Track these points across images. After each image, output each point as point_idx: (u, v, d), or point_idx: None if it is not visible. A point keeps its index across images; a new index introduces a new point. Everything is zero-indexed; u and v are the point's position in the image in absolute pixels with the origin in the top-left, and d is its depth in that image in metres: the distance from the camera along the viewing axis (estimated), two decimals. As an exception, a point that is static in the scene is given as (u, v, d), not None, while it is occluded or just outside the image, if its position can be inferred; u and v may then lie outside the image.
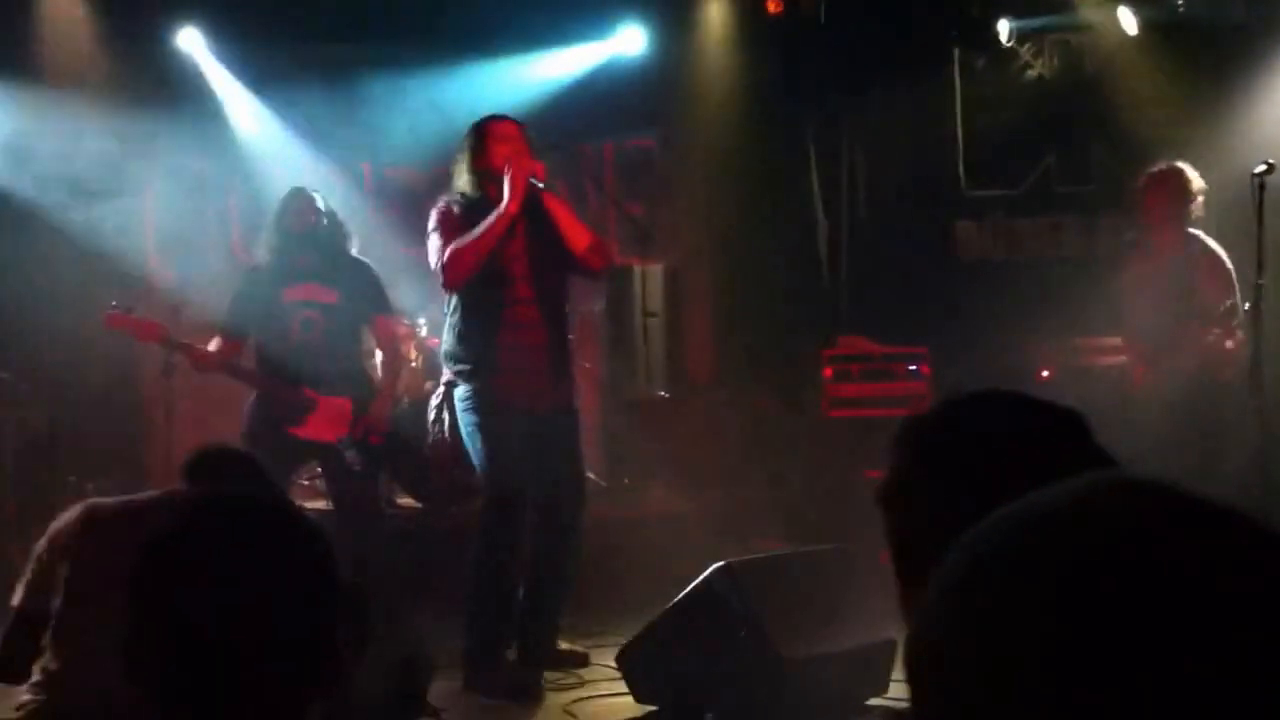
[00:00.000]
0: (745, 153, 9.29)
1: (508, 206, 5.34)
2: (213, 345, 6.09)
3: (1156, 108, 8.09)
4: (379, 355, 6.45)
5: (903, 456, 1.68)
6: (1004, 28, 8.65)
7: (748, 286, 9.27)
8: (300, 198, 6.26)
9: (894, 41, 8.78)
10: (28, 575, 3.26)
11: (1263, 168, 5.97)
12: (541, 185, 5.44)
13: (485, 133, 5.55)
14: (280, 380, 5.99)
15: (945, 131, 9.03)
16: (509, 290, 5.51)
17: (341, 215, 6.40)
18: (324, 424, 6.00)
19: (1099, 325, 7.81)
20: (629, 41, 9.19)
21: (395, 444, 6.33)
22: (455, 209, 5.53)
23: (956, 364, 7.60)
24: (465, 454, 5.71)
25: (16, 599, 3.26)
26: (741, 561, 5.09)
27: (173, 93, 8.35)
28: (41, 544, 3.28)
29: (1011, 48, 8.75)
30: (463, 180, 5.60)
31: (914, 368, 8.05)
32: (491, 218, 5.36)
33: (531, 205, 5.45)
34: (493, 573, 5.54)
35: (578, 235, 5.53)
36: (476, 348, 5.52)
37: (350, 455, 5.99)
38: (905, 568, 1.63)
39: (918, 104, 9.04)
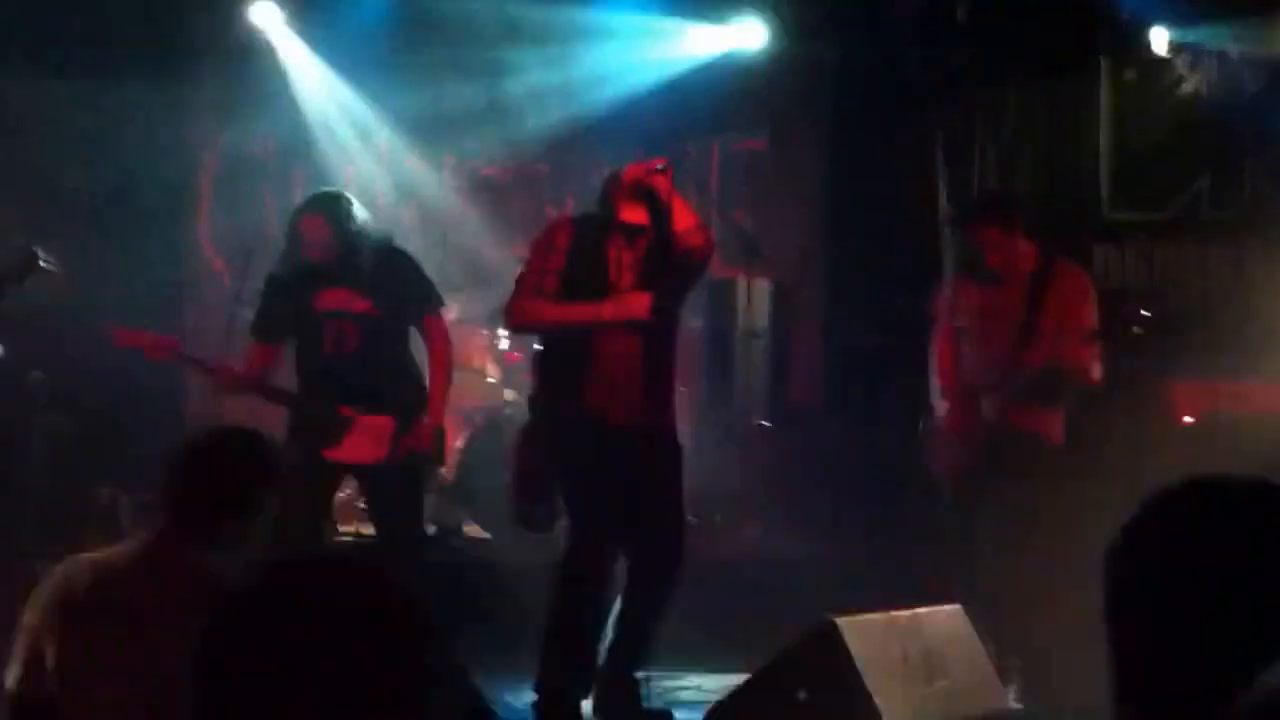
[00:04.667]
0: (865, 160, 9.27)
1: (602, 312, 5.43)
2: (247, 353, 5.97)
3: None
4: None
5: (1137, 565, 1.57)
6: (1159, 37, 8.48)
7: (863, 306, 9.12)
8: (307, 223, 5.80)
9: (1037, 47, 8.72)
10: (19, 654, 3.12)
11: None
12: (659, 169, 5.50)
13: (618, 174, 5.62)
14: (313, 397, 5.81)
15: (1087, 146, 8.93)
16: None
17: (369, 220, 5.94)
18: (362, 444, 5.77)
19: (1248, 367, 7.61)
20: (747, 35, 9.11)
21: (438, 463, 6.23)
22: (565, 234, 5.63)
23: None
24: (545, 481, 5.60)
25: (10, 681, 3.12)
26: (847, 619, 5.00)
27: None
28: (28, 617, 3.14)
29: (1166, 59, 8.61)
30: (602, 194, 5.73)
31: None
32: (582, 311, 5.46)
33: (654, 216, 5.53)
34: (574, 617, 5.50)
35: (683, 216, 5.54)
36: (569, 360, 5.52)
37: (392, 478, 5.80)
38: (1128, 683, 1.54)
39: (1059, 115, 8.97)
